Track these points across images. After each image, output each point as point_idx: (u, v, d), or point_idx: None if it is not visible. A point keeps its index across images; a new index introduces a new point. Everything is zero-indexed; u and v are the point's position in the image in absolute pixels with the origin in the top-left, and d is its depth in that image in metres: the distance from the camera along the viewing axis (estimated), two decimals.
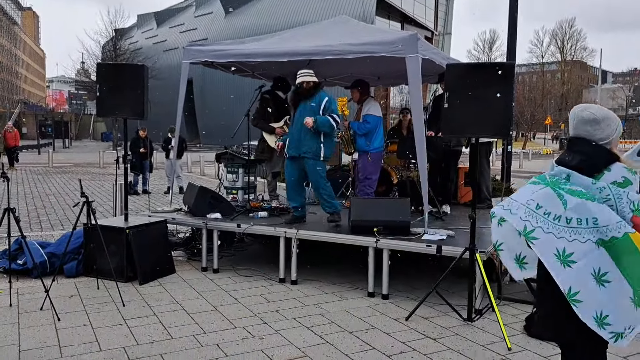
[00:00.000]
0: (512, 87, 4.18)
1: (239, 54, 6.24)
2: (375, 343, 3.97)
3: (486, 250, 4.66)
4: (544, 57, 71.13)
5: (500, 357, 3.75)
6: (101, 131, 56.53)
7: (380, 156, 6.42)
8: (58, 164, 22.66)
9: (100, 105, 5.66)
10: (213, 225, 5.84)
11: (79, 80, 54.56)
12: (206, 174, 17.64)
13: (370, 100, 6.51)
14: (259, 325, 4.28)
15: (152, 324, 4.27)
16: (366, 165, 6.37)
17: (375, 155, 6.32)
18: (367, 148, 6.31)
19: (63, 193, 13.02)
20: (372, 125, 6.25)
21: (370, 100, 6.50)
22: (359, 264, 5.55)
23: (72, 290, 5.11)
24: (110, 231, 5.35)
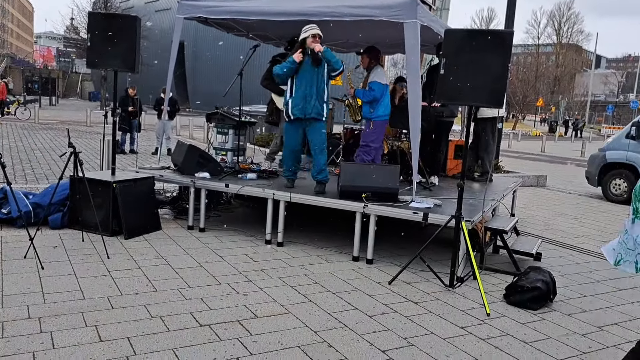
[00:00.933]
0: (509, 56, 4.15)
1: (235, 11, 6.11)
2: (357, 304, 4.02)
3: (472, 219, 4.71)
4: (540, 39, 70.86)
5: (479, 322, 3.83)
6: (89, 90, 55.51)
7: (383, 124, 6.35)
8: (44, 120, 22.29)
9: (90, 56, 5.53)
10: (201, 184, 5.81)
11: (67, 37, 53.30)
12: (195, 138, 17.48)
13: (377, 67, 6.42)
14: (244, 283, 4.31)
15: (137, 277, 4.28)
16: (367, 132, 6.33)
17: (377, 122, 6.26)
18: (370, 115, 6.26)
19: (49, 148, 12.84)
20: (377, 93, 6.17)
21: (377, 68, 6.41)
22: (345, 229, 5.58)
23: (56, 241, 5.08)
24: (96, 184, 5.30)
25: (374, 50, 6.49)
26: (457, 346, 3.41)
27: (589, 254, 6.06)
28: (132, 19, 5.52)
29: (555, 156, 21.45)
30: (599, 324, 3.95)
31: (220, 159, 6.88)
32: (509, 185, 7.24)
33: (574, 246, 6.42)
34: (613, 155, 10.39)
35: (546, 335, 3.69)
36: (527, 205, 9.10)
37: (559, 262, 5.62)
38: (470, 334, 3.61)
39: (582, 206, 9.45)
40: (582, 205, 9.53)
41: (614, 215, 8.69)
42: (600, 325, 3.94)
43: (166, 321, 3.48)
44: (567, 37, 72.53)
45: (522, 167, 14.17)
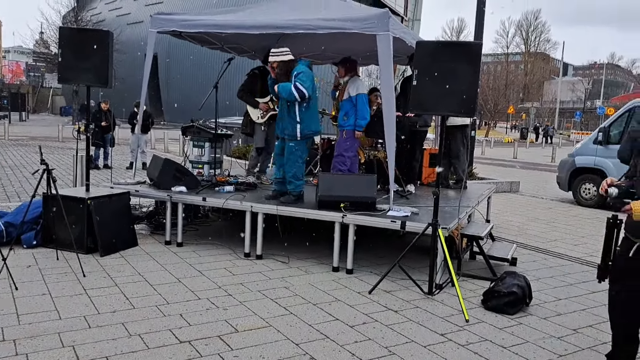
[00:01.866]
0: (479, 66, 4.26)
1: (209, 25, 6.11)
2: (338, 314, 4.03)
3: (448, 226, 4.78)
4: (508, 48, 72.55)
5: (458, 328, 3.88)
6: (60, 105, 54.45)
7: (353, 133, 6.41)
8: (14, 136, 21.79)
9: (62, 71, 5.46)
10: (178, 198, 5.76)
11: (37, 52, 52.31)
12: (170, 151, 17.31)
13: (355, 78, 6.49)
14: (223, 297, 4.29)
15: (114, 294, 4.21)
16: (340, 141, 6.40)
17: (350, 131, 6.33)
18: (343, 123, 6.33)
19: (20, 165, 12.56)
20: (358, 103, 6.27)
21: (356, 79, 6.48)
22: (324, 239, 5.60)
23: (30, 260, 4.97)
24: (70, 201, 5.22)
25: (350, 61, 6.57)
26: (438, 353, 3.45)
27: (562, 258, 6.21)
28: (104, 34, 5.48)
29: (527, 162, 21.90)
30: (574, 327, 4.04)
31: (196, 172, 6.84)
32: (484, 191, 7.37)
33: (547, 250, 6.56)
34: (582, 160, 10.67)
35: (523, 339, 3.76)
36: (502, 211, 9.27)
37: (533, 266, 5.74)
38: (450, 341, 3.66)
39: (554, 211, 9.67)
40: (554, 210, 9.75)
41: (584, 219, 8.91)
42: (575, 327, 4.03)
43: (145, 339, 3.43)
44: (535, 46, 74.53)
45: (496, 174, 14.44)
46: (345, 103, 6.39)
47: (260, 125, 6.98)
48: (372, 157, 7.09)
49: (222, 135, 7.07)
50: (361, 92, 6.31)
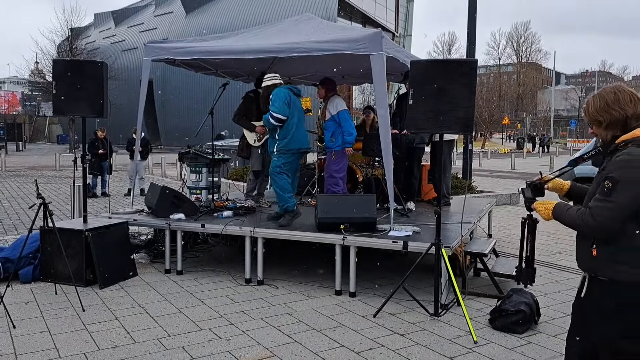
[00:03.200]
0: (474, 83, 4.25)
1: (203, 51, 6.13)
2: (344, 340, 3.95)
3: (451, 245, 4.72)
4: (500, 59, 73.14)
5: (467, 350, 3.80)
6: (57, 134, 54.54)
7: (344, 153, 6.41)
8: (11, 167, 21.76)
9: (57, 103, 5.43)
10: (176, 225, 5.70)
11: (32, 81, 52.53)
12: (168, 176, 17.27)
13: (335, 97, 6.51)
14: (226, 327, 4.20)
15: (114, 329, 4.13)
16: (329, 162, 6.38)
17: (338, 152, 6.32)
18: (332, 145, 6.33)
19: (17, 197, 12.49)
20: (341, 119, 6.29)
21: (336, 97, 6.50)
22: (325, 261, 5.53)
23: (28, 296, 4.89)
24: (68, 234, 5.15)
25: (328, 81, 6.63)
26: None
27: (568, 271, 6.13)
28: (98, 65, 5.47)
29: (525, 172, 21.90)
30: None
31: (194, 198, 6.80)
32: (484, 206, 7.32)
33: (552, 263, 6.49)
34: (581, 169, 10.61)
35: (534, 359, 3.68)
36: (503, 224, 9.20)
37: (539, 281, 5.65)
38: None
39: (556, 222, 9.58)
40: (556, 222, 9.67)
41: None
42: None
43: None
44: (527, 56, 75.16)
45: (495, 186, 14.41)
46: (329, 123, 6.40)
47: (257, 149, 6.97)
48: (370, 176, 7.06)
49: (219, 160, 7.04)
50: (341, 109, 6.33)
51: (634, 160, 2.10)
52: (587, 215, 2.17)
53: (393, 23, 48.94)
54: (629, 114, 2.22)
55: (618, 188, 2.10)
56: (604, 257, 2.17)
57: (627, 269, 2.12)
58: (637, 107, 2.23)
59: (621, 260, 2.13)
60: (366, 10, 42.36)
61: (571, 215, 2.29)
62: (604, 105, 2.28)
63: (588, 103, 2.38)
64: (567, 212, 2.33)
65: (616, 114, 2.23)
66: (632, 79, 74.69)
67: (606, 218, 2.12)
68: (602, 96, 2.30)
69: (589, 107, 2.35)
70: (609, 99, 2.26)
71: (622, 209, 2.09)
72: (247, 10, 40.02)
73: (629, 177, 2.09)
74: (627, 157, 2.13)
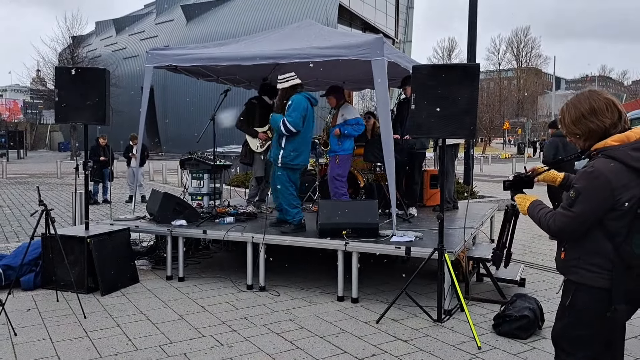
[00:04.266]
0: (477, 87, 4.25)
1: (204, 58, 6.14)
2: (346, 347, 3.93)
3: (454, 250, 4.70)
4: (500, 64, 73.25)
5: (471, 356, 3.78)
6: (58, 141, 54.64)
7: (349, 158, 6.45)
8: (13, 174, 21.78)
9: (59, 111, 5.44)
10: (178, 232, 5.69)
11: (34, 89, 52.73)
12: (169, 182, 17.27)
13: (346, 104, 6.57)
14: (228, 333, 4.18)
15: (116, 336, 4.11)
16: (333, 166, 6.39)
17: (343, 157, 6.35)
18: (337, 149, 6.35)
19: (18, 204, 12.49)
20: (363, 126, 6.39)
21: (347, 105, 6.57)
22: (328, 267, 5.51)
23: (29, 303, 4.87)
24: (70, 241, 5.14)
25: (337, 89, 6.64)
26: None
27: None
28: (100, 72, 5.48)
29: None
30: None
31: (196, 204, 6.79)
32: (486, 211, 7.30)
33: (555, 269, 6.46)
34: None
35: None
36: None
37: (542, 286, 5.63)
38: None
39: None
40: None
41: None
42: None
43: None
44: (527, 61, 75.26)
45: (496, 191, 14.37)
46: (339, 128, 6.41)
47: (259, 155, 6.96)
48: (372, 181, 7.05)
49: (220, 166, 7.04)
50: (357, 116, 6.41)
51: (596, 172, 2.07)
52: (551, 220, 2.19)
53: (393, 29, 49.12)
54: (607, 125, 2.14)
55: (580, 199, 2.09)
56: (571, 260, 2.21)
57: (585, 273, 2.15)
58: (615, 114, 2.14)
59: (583, 264, 2.16)
60: (366, 17, 42.53)
61: (539, 216, 2.28)
62: (579, 117, 2.18)
63: (563, 113, 2.27)
64: (538, 211, 2.30)
65: (594, 126, 2.15)
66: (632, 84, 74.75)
67: (566, 226, 2.15)
68: (577, 107, 2.19)
69: (564, 118, 2.25)
70: (584, 110, 2.16)
71: (583, 220, 2.11)
72: (248, 18, 40.19)
73: (591, 189, 2.07)
74: (591, 169, 2.10)
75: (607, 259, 2.11)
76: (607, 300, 2.10)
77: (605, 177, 2.04)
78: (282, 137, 5.49)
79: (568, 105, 2.23)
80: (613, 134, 2.13)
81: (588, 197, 2.08)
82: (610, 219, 2.09)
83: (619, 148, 2.08)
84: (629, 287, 2.11)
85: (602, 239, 2.11)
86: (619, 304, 2.09)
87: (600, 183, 2.05)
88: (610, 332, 2.19)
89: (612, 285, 2.09)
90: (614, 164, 2.06)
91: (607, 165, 2.06)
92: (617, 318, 2.13)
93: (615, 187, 2.04)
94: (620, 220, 2.08)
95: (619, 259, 2.08)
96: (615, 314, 2.10)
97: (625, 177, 2.05)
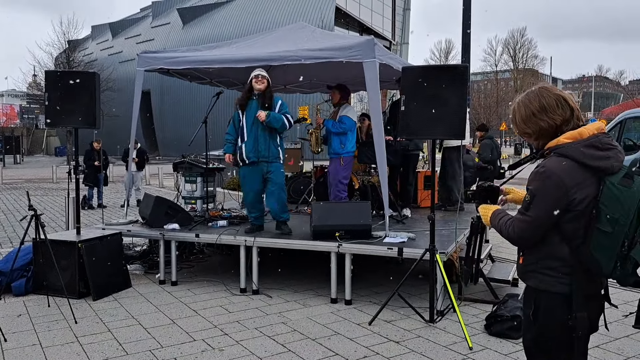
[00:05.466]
0: (466, 88, 4.24)
1: (196, 61, 6.13)
2: (338, 349, 3.91)
3: (446, 251, 4.69)
4: (497, 66, 73.37)
5: (462, 357, 3.76)
6: (55, 146, 54.55)
7: (352, 159, 6.43)
8: (8, 180, 21.72)
9: (49, 114, 5.42)
10: (171, 236, 5.67)
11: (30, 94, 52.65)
12: (165, 186, 17.24)
13: (347, 105, 6.56)
14: (219, 337, 4.16)
15: (106, 340, 4.08)
16: (338, 169, 6.35)
17: (347, 158, 6.33)
18: (341, 151, 6.32)
19: (13, 210, 12.45)
20: (347, 126, 6.28)
21: (348, 105, 6.56)
22: (321, 270, 5.49)
23: (20, 309, 4.85)
24: (60, 245, 5.12)
25: (344, 88, 6.61)
26: None
27: None
28: (90, 75, 5.47)
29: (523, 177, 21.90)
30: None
31: (189, 208, 6.77)
32: None
33: None
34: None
35: None
36: None
37: None
38: None
39: None
40: None
41: None
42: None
43: None
44: (523, 62, 75.36)
45: None
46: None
47: None
48: (366, 182, 7.04)
49: (213, 169, 7.02)
50: (348, 115, 6.34)
51: (548, 171, 1.97)
52: (511, 228, 2.09)
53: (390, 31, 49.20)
54: (558, 123, 2.02)
55: (535, 202, 2.00)
56: (528, 265, 2.12)
57: (544, 278, 2.06)
58: (566, 111, 2.03)
59: (541, 269, 2.07)
60: (363, 19, 42.57)
61: (500, 225, 2.16)
62: (529, 116, 2.07)
63: (514, 112, 2.16)
64: (499, 220, 2.18)
65: (544, 124, 2.04)
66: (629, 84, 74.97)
67: (524, 232, 2.04)
68: (527, 105, 2.08)
69: (515, 117, 2.14)
70: (534, 108, 2.06)
71: (540, 223, 2.00)
72: (245, 21, 40.22)
73: (544, 189, 1.98)
74: (542, 169, 2.00)
75: (565, 263, 2.01)
76: (568, 306, 2.01)
77: (557, 176, 1.94)
78: (275, 135, 5.50)
79: (518, 104, 2.13)
80: (565, 131, 2.01)
81: (542, 199, 1.98)
82: (565, 221, 1.99)
83: (571, 145, 1.97)
84: (588, 292, 2.02)
85: (559, 242, 2.02)
86: (579, 311, 1.99)
87: (552, 182, 1.95)
88: (571, 342, 2.04)
89: (571, 290, 2.00)
90: (567, 162, 1.96)
91: (559, 163, 1.96)
92: (578, 326, 2.00)
93: (569, 186, 1.94)
94: (576, 222, 1.98)
95: (578, 262, 1.99)
96: (576, 322, 1.99)
97: (579, 175, 1.95)
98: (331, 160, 6.50)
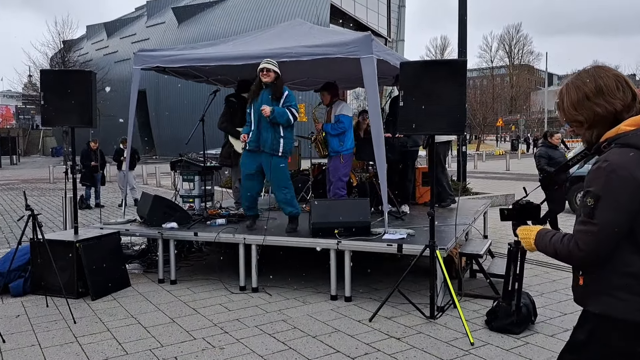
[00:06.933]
0: (464, 83, 4.23)
1: (192, 59, 6.10)
2: (339, 346, 3.90)
3: (446, 247, 4.68)
4: (493, 62, 73.48)
5: (464, 353, 3.75)
6: (51, 146, 54.32)
7: (351, 157, 6.42)
8: (5, 180, 21.64)
9: (45, 114, 5.37)
10: (169, 234, 5.64)
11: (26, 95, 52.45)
12: (162, 185, 17.19)
13: (340, 101, 6.53)
14: (219, 335, 4.14)
15: (106, 340, 4.06)
16: (338, 166, 6.34)
17: (347, 155, 6.32)
18: (340, 149, 6.31)
19: (10, 210, 12.39)
20: (346, 125, 6.28)
21: (341, 102, 6.53)
22: (321, 267, 5.48)
23: (18, 309, 4.82)
24: (58, 245, 5.09)
25: (332, 86, 6.59)
26: None
27: (564, 270, 6.10)
28: (86, 74, 5.42)
29: (520, 173, 21.92)
30: None
31: (187, 206, 6.74)
32: (479, 207, 7.30)
33: (548, 263, 6.45)
34: (576, 169, 10.66)
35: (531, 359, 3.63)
36: (498, 225, 9.17)
37: (535, 281, 5.63)
38: None
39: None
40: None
41: None
42: None
43: None
44: (519, 58, 75.54)
45: (490, 187, 14.39)
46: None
47: None
48: (365, 179, 7.02)
49: (211, 167, 6.99)
50: (344, 113, 6.31)
51: (613, 164, 1.61)
52: (572, 244, 1.68)
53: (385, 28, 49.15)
54: (617, 108, 1.67)
55: (600, 204, 1.61)
56: (591, 285, 1.72)
57: (612, 301, 1.66)
58: (627, 95, 1.68)
59: (608, 289, 1.67)
60: (358, 17, 42.51)
61: (554, 245, 1.75)
62: (582, 99, 1.72)
63: (562, 95, 1.80)
64: (550, 240, 1.78)
65: (601, 110, 1.69)
66: None
67: (592, 244, 1.64)
68: (579, 86, 1.74)
69: (563, 101, 1.79)
70: (588, 90, 1.71)
71: (611, 231, 1.62)
72: (240, 19, 40.11)
73: (610, 187, 1.61)
74: (605, 163, 1.63)
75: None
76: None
77: (625, 169, 1.58)
78: (279, 127, 5.35)
79: (567, 86, 1.77)
80: (626, 118, 1.67)
81: (610, 199, 1.60)
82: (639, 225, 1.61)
83: (636, 133, 1.63)
84: None
85: (633, 253, 1.63)
86: None
87: (620, 178, 1.59)
88: None
89: None
90: (634, 153, 1.60)
91: (626, 155, 1.60)
92: None
93: None
94: None
95: None
96: None
97: None
98: (331, 158, 6.48)
